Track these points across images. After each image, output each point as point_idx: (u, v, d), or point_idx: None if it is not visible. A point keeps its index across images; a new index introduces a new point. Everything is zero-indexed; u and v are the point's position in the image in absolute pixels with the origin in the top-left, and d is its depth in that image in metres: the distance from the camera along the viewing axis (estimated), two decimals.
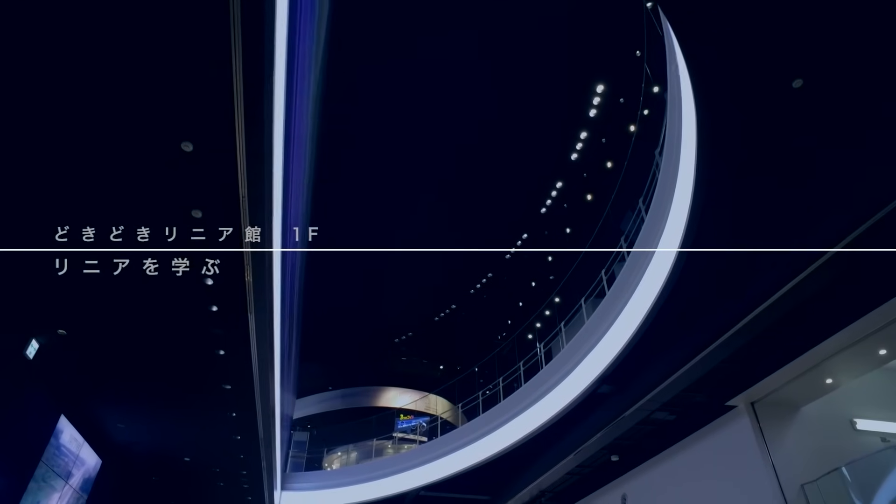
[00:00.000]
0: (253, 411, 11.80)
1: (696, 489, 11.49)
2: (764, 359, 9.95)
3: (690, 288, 9.85)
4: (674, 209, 9.04)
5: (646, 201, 10.72)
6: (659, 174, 9.83)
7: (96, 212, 7.06)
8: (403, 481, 18.36)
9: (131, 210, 7.04)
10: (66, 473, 12.94)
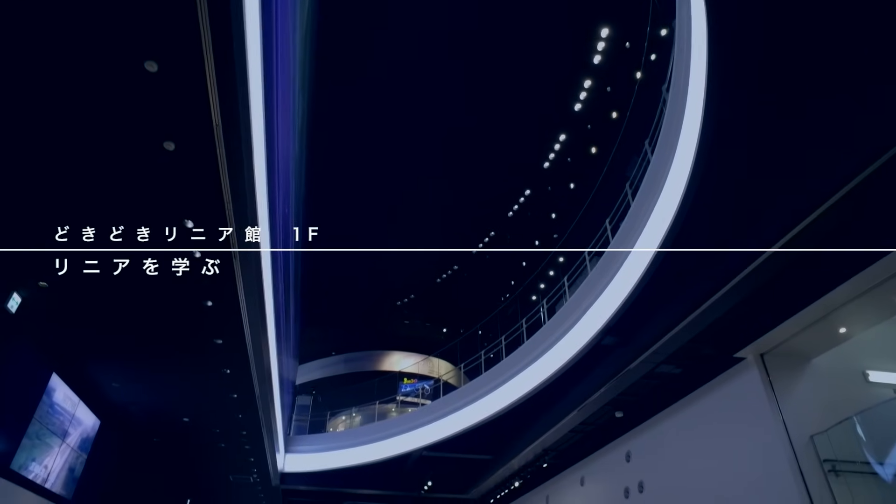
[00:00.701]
0: (247, 367, 11.54)
1: (703, 444, 11.18)
2: (773, 308, 9.51)
3: (696, 233, 9.40)
4: (681, 145, 8.54)
5: (652, 142, 10.21)
6: (666, 110, 9.30)
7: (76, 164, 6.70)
8: (406, 442, 18.25)
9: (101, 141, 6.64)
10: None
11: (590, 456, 15.71)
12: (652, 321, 10.43)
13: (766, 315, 9.63)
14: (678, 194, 8.98)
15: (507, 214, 23.14)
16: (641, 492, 13.01)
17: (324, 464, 20.32)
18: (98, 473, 14.73)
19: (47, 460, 12.50)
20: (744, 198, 8.34)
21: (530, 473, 17.66)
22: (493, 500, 20.89)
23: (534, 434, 15.31)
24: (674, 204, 9.03)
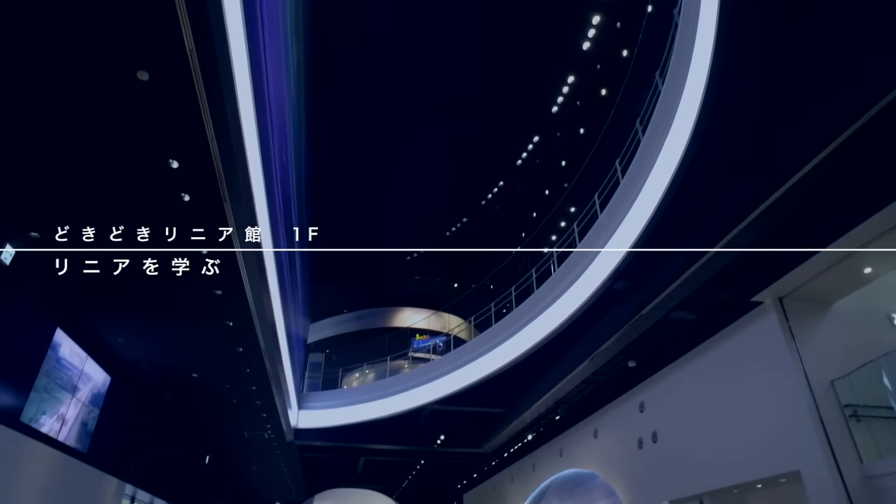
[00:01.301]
0: (249, 320, 11.35)
1: (719, 392, 10.87)
2: (792, 247, 9.02)
3: (707, 167, 8.88)
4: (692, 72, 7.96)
5: (662, 73, 9.60)
6: (677, 34, 8.68)
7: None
8: (418, 396, 18.21)
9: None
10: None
11: (603, 408, 15.51)
12: (664, 264, 9.99)
13: (785, 256, 9.16)
14: (691, 119, 8.43)
15: (516, 163, 22.48)
16: (655, 442, 12.80)
17: (337, 419, 20.43)
18: (112, 428, 14.80)
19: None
20: (762, 115, 7.75)
21: (543, 426, 17.54)
22: (507, 453, 20.92)
23: (545, 386, 15.09)
24: (686, 131, 8.48)
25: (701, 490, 11.19)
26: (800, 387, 9.11)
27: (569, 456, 17.63)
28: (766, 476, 9.63)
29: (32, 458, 11.48)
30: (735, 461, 10.19)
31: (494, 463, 22.79)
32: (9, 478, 10.58)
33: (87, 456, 13.61)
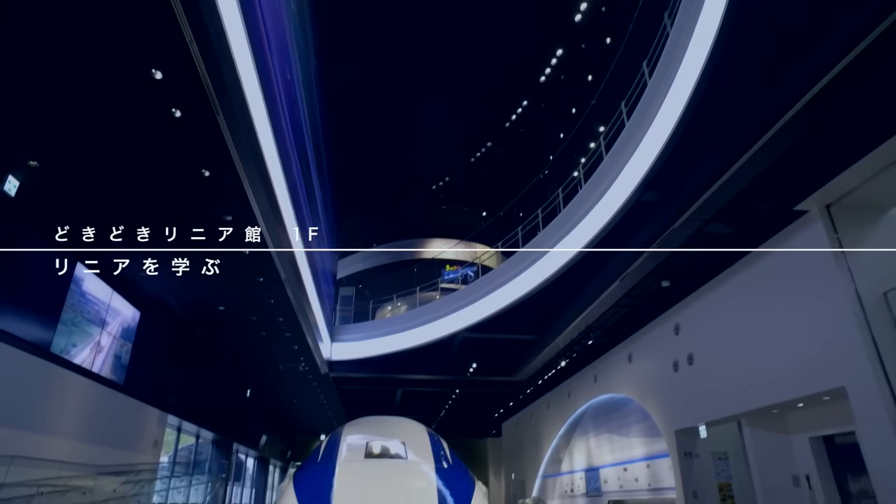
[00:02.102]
0: (264, 245, 11.04)
1: (759, 310, 10.21)
2: (840, 149, 8.09)
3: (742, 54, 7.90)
4: None
5: None
6: None
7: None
8: (448, 325, 18.00)
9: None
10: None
11: (637, 332, 15.02)
12: (696, 172, 9.15)
13: (832, 158, 8.24)
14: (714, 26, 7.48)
15: (539, 80, 21.12)
16: (691, 364, 12.30)
17: (369, 351, 20.49)
18: (146, 362, 15.08)
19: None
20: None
21: (577, 352, 17.17)
22: (541, 381, 20.74)
23: (576, 310, 14.60)
24: (711, 32, 7.52)
25: (738, 411, 10.72)
26: (848, 300, 8.41)
27: (603, 381, 17.33)
28: (808, 394, 9.07)
29: (66, 388, 11.69)
30: (775, 380, 9.63)
31: (530, 391, 22.72)
32: (43, 407, 10.73)
33: (124, 387, 13.88)
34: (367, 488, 6.21)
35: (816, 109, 7.12)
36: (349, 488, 6.07)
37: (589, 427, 19.27)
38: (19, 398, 9.88)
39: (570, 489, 20.75)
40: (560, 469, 21.97)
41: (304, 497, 6.05)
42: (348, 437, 8.08)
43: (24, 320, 10.04)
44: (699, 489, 12.27)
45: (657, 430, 13.86)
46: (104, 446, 12.58)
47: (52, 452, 10.48)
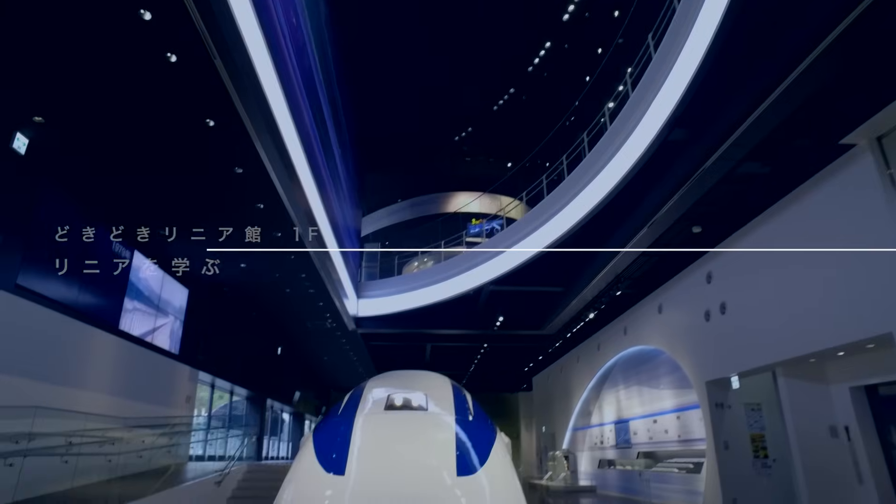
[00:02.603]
0: (277, 199, 10.82)
1: (798, 256, 9.56)
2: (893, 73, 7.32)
3: None
4: None
5: None
6: None
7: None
8: (473, 278, 17.72)
9: None
10: (156, 296, 13.38)
11: (667, 282, 14.49)
12: (729, 104, 8.47)
13: (884, 84, 7.48)
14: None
15: (563, 19, 19.95)
16: (724, 313, 11.79)
17: (395, 306, 20.38)
18: (188, 332, 15.58)
19: (145, 320, 13.55)
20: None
21: (605, 304, 16.74)
22: (570, 334, 20.43)
23: (603, 259, 14.10)
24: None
25: (773, 360, 10.24)
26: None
27: (633, 333, 16.93)
28: (851, 341, 8.53)
29: (103, 348, 11.99)
30: (814, 327, 9.10)
31: (559, 344, 22.46)
32: (84, 366, 11.22)
33: (156, 346, 14.23)
34: (385, 439, 6.00)
35: (868, 25, 6.38)
36: (367, 439, 5.90)
37: (618, 380, 18.98)
38: (56, 357, 10.13)
39: (599, 441, 20.63)
40: (590, 422, 21.83)
41: (322, 449, 5.93)
42: (370, 391, 7.95)
43: (67, 285, 10.10)
44: (730, 440, 11.92)
45: (687, 381, 13.48)
46: (141, 402, 13.00)
47: (92, 407, 10.81)
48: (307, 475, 5.33)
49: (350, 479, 5.13)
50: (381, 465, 5.46)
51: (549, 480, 21.94)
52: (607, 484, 18.87)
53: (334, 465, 5.33)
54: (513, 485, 5.70)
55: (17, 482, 8.04)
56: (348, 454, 5.51)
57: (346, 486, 5.01)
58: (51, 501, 8.22)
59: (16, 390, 8.71)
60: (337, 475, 5.08)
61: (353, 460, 5.36)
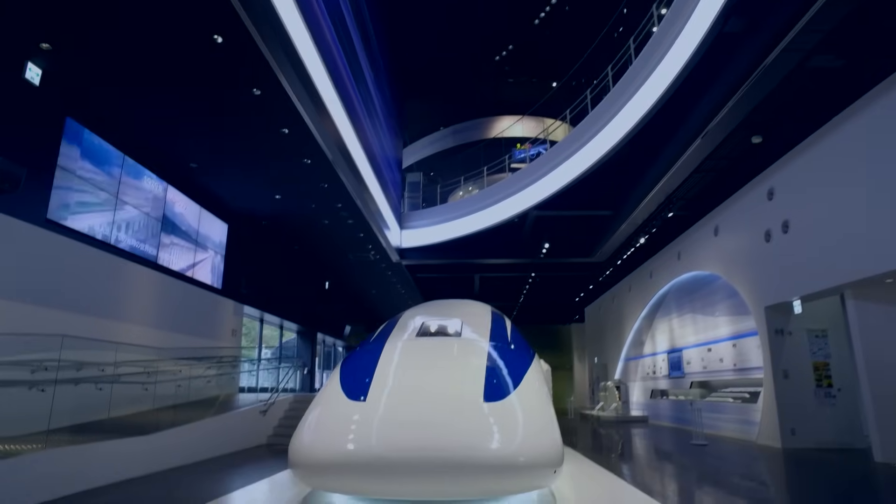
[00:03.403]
0: (301, 122, 10.27)
1: (873, 167, 8.43)
2: None
3: None
4: None
5: None
6: None
7: None
8: (517, 203, 17.00)
9: None
10: (194, 231, 13.48)
11: (724, 202, 13.38)
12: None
13: None
14: None
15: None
16: (786, 232, 10.73)
17: (439, 236, 19.93)
18: (230, 266, 15.63)
19: (183, 254, 13.60)
20: None
21: (657, 228, 15.71)
22: (621, 261, 19.54)
23: (653, 177, 13.06)
24: None
25: (842, 282, 9.24)
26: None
27: (687, 258, 15.94)
28: None
29: (152, 285, 12.25)
30: (891, 244, 8.03)
31: (609, 272, 21.60)
32: (135, 302, 11.54)
33: (198, 280, 14.32)
34: (411, 365, 5.90)
35: None
36: (393, 366, 5.80)
37: (672, 308, 18.11)
38: (95, 292, 10.23)
39: (651, 371, 20.01)
40: (642, 352, 21.18)
41: (347, 376, 5.77)
42: (406, 319, 7.84)
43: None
44: (790, 369, 11.08)
45: (744, 307, 12.56)
46: (185, 335, 13.22)
47: (137, 339, 11.04)
48: (330, 401, 5.32)
49: (371, 405, 5.02)
50: (404, 391, 5.29)
51: (601, 411, 21.60)
52: (659, 414, 18.37)
53: (357, 392, 5.27)
54: (543, 412, 5.35)
55: (76, 406, 8.33)
56: (372, 381, 5.39)
57: (367, 412, 4.92)
58: (108, 425, 8.56)
59: (63, 323, 8.91)
60: (358, 401, 5.07)
61: (375, 387, 5.28)
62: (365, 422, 4.97)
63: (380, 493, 4.91)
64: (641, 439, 13.14)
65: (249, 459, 9.15)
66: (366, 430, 4.83)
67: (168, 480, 7.34)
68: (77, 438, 7.05)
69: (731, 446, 11.18)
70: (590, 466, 8.27)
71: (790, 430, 10.67)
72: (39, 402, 7.35)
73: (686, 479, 7.73)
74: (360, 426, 4.91)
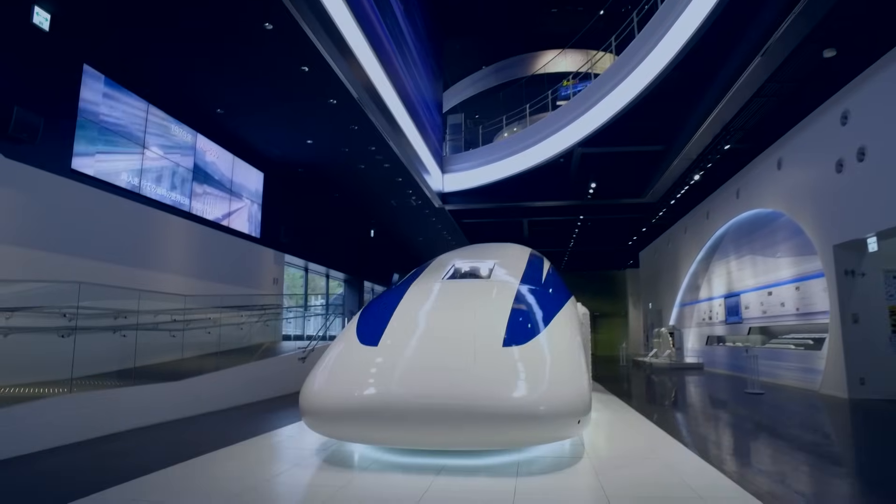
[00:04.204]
0: (316, 55, 9.63)
1: None
2: None
3: None
4: None
5: None
6: None
7: None
8: (562, 140, 16.08)
9: None
10: (227, 180, 13.33)
11: (789, 131, 12.07)
12: None
13: None
14: None
15: None
16: (862, 160, 9.53)
17: (481, 178, 19.26)
18: (268, 215, 15.51)
19: (217, 203, 13.41)
20: None
21: (712, 163, 14.50)
22: (675, 200, 18.34)
23: (708, 105, 11.87)
24: None
25: None
26: None
27: (747, 196, 14.71)
28: None
29: (200, 238, 12.41)
30: None
31: (663, 214, 20.41)
32: (187, 255, 11.82)
33: (249, 235, 14.34)
34: (432, 308, 5.73)
35: None
36: (412, 309, 5.66)
37: (729, 250, 16.93)
38: (127, 241, 10.17)
39: (707, 317, 18.99)
40: (698, 296, 20.11)
41: (364, 321, 5.60)
42: (438, 262, 7.52)
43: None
44: (862, 313, 10.02)
45: (810, 246, 11.44)
46: (225, 283, 13.17)
47: (176, 289, 10.98)
48: (343, 346, 5.21)
49: (382, 350, 4.87)
50: (418, 336, 5.10)
51: (654, 358, 20.86)
52: (715, 361, 17.48)
53: (370, 337, 5.12)
54: (570, 358, 4.95)
55: (122, 355, 8.37)
56: (387, 326, 5.25)
57: (377, 358, 4.78)
58: (158, 370, 8.69)
59: (96, 273, 8.87)
60: (370, 346, 4.95)
61: (390, 332, 5.13)
62: (373, 368, 4.75)
63: (388, 441, 4.69)
64: (692, 387, 12.44)
65: (284, 406, 9.04)
66: (373, 376, 4.63)
67: (197, 424, 7.25)
68: (107, 383, 7.06)
69: (791, 395, 10.33)
70: (630, 414, 7.73)
71: (859, 379, 9.71)
72: (102, 347, 7.79)
73: (734, 429, 7.06)
74: (367, 373, 4.71)
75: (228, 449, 5.33)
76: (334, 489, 3.93)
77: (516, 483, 4.00)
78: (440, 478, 4.17)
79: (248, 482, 4.15)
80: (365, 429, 4.48)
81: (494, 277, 6.76)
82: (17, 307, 7.16)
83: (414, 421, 4.32)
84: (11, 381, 6.84)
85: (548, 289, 6.72)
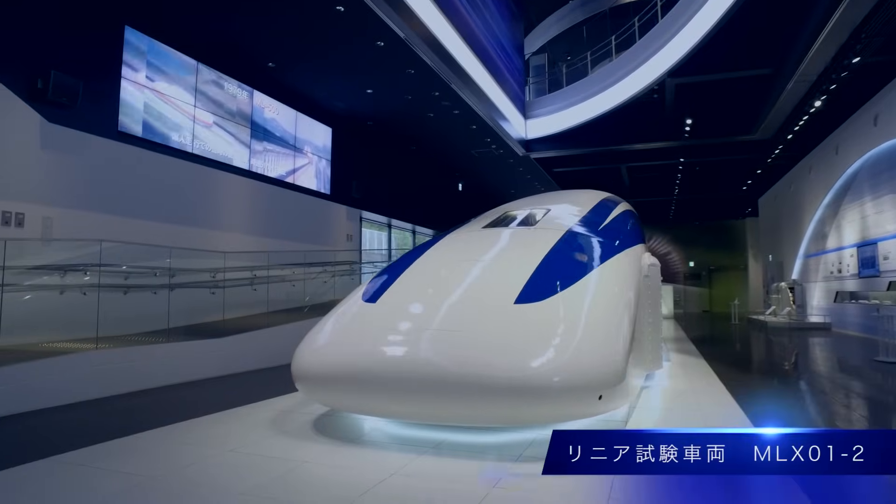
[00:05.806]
0: None
1: None
2: None
3: None
4: None
5: None
6: None
7: None
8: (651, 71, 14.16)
9: None
10: (292, 136, 13.53)
11: None
12: None
13: None
14: None
15: None
16: None
17: (565, 122, 17.69)
18: (338, 171, 15.20)
19: (283, 160, 13.20)
20: None
21: (838, 84, 11.99)
22: (792, 135, 15.69)
23: (827, 7, 9.61)
24: None
25: None
26: None
27: (888, 122, 12.18)
28: None
29: (263, 196, 12.37)
30: None
31: (780, 151, 17.69)
32: (251, 214, 11.93)
33: (317, 192, 14.28)
34: (452, 260, 5.15)
35: None
36: (431, 261, 5.19)
37: (864, 190, 14.21)
38: (187, 202, 10.31)
39: (836, 269, 16.30)
40: (825, 246, 17.34)
41: (377, 278, 5.17)
42: (492, 211, 6.76)
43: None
44: None
45: None
46: (297, 241, 13.07)
47: (247, 247, 11.34)
48: (347, 302, 4.84)
49: (380, 308, 4.45)
50: (422, 294, 4.64)
51: (771, 316, 18.54)
52: (845, 321, 15.04)
53: (374, 293, 4.72)
54: (600, 318, 4.15)
55: (191, 308, 8.90)
56: (396, 280, 4.80)
57: (373, 317, 4.36)
58: (210, 327, 8.78)
59: (167, 235, 9.26)
60: (370, 303, 4.56)
61: (395, 288, 4.69)
62: (366, 328, 4.29)
63: (368, 411, 4.23)
64: (809, 350, 10.62)
65: None
66: (364, 338, 4.15)
67: (225, 383, 7.10)
68: (150, 339, 7.37)
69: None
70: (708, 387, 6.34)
71: None
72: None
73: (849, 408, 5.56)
74: (360, 334, 4.28)
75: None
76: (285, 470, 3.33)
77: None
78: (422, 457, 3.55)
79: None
80: (348, 396, 4.03)
81: (541, 224, 5.81)
82: (129, 270, 8.00)
83: (395, 389, 3.73)
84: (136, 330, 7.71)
85: (604, 237, 5.70)
